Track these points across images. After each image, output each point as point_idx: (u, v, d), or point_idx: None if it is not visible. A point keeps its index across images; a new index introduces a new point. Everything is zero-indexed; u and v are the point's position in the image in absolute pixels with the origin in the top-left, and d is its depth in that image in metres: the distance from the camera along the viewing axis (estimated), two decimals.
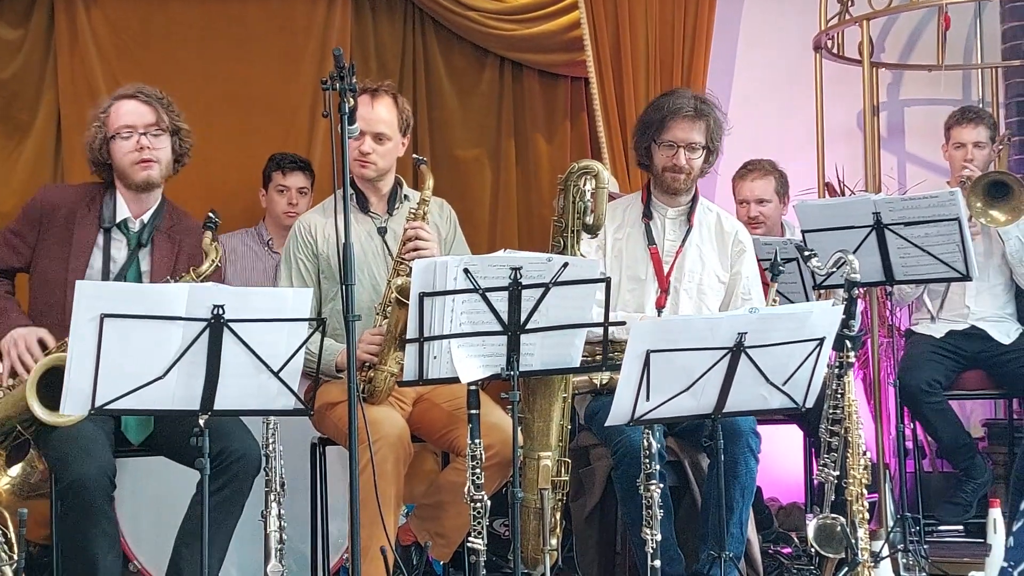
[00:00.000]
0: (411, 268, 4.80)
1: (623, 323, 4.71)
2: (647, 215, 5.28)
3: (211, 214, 4.72)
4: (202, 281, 4.56)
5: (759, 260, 5.48)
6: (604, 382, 4.98)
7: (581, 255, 4.78)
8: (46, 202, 4.77)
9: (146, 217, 4.81)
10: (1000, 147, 6.53)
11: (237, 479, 4.48)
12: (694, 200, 5.32)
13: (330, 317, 4.87)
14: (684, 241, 5.26)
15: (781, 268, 5.10)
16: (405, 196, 5.19)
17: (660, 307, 5.18)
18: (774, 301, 5.20)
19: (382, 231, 5.08)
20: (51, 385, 4.15)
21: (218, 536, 4.43)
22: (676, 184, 5.21)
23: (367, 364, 4.79)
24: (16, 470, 4.61)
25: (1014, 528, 2.84)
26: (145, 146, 4.75)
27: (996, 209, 6.05)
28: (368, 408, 4.54)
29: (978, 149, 6.32)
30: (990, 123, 6.41)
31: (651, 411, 4.21)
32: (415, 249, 4.87)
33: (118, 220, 4.76)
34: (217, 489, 4.38)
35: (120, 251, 4.76)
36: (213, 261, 4.68)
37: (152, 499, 5.32)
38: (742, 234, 5.36)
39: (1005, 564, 2.83)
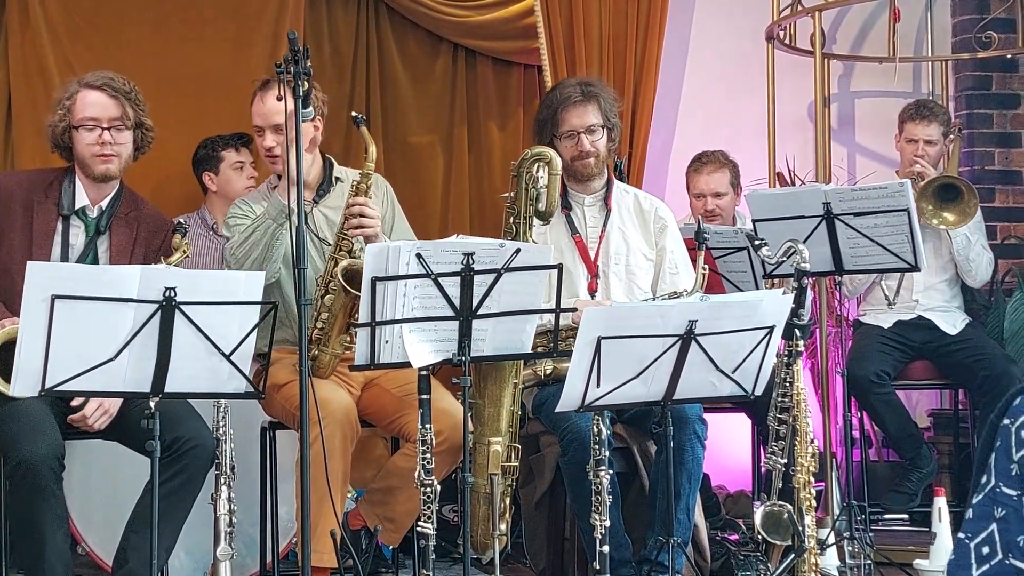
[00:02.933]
0: (354, 244, 4.82)
1: (574, 309, 4.73)
2: (566, 206, 5.31)
3: (181, 220, 4.78)
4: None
5: (709, 249, 5.50)
6: (548, 372, 5.01)
7: (533, 241, 4.80)
8: (2, 190, 4.74)
9: (104, 204, 4.80)
10: (953, 138, 6.58)
11: (189, 469, 4.46)
12: (609, 184, 5.35)
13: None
14: (605, 225, 5.29)
15: (706, 235, 5.11)
16: (337, 178, 5.17)
17: (592, 292, 5.22)
18: (703, 270, 5.22)
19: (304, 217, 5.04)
20: (8, 358, 4.12)
21: (168, 525, 4.41)
22: (587, 170, 5.26)
23: (313, 341, 4.78)
24: None
25: (974, 501, 2.86)
26: (107, 141, 4.74)
27: (947, 211, 6.12)
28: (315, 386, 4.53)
29: (929, 146, 6.38)
30: (944, 119, 6.45)
31: (602, 397, 4.22)
32: (359, 226, 4.85)
33: (77, 207, 4.75)
34: (169, 478, 4.35)
35: (78, 238, 4.75)
36: (185, 252, 4.69)
37: (102, 484, 5.30)
38: (662, 210, 5.40)
39: (962, 535, 2.85)
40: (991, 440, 2.89)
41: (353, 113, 4.97)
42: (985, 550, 2.81)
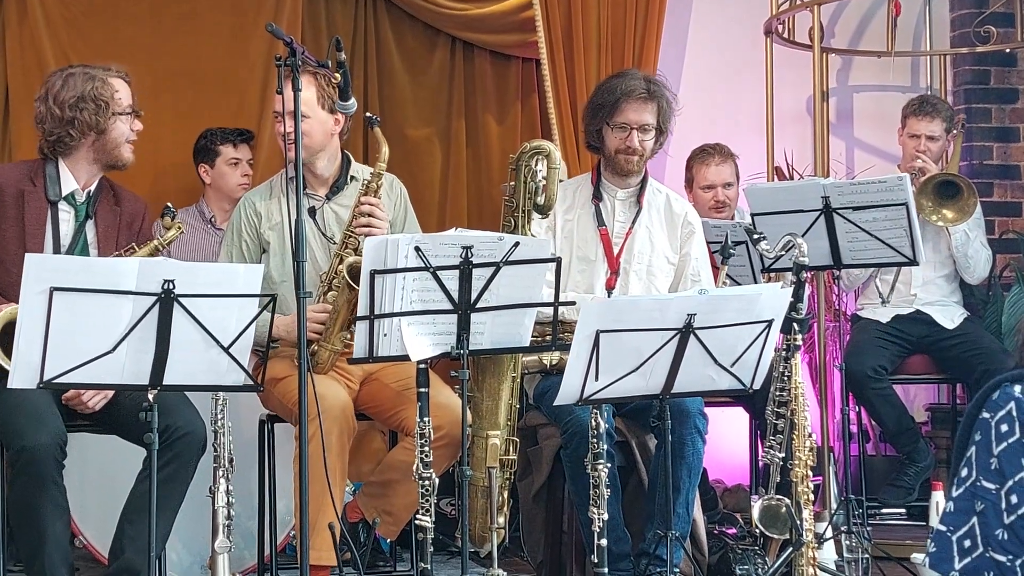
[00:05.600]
0: (360, 243, 4.82)
1: (573, 303, 4.73)
2: (597, 197, 5.29)
3: (169, 205, 4.82)
4: (167, 245, 4.69)
5: (708, 243, 5.51)
6: (554, 362, 5.00)
7: (532, 235, 4.79)
8: None
9: (92, 189, 4.82)
10: (956, 132, 6.57)
11: (181, 456, 4.47)
12: (644, 181, 5.33)
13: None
14: (634, 222, 5.27)
15: (731, 251, 5.11)
16: (352, 177, 5.16)
17: (610, 288, 5.21)
18: (724, 284, 5.22)
19: (312, 211, 5.04)
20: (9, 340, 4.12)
21: (163, 514, 4.41)
22: (629, 166, 5.23)
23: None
24: None
25: (954, 494, 2.87)
26: (137, 129, 4.84)
27: (946, 208, 6.12)
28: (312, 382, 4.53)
29: (932, 142, 6.38)
30: (946, 115, 6.44)
31: (600, 391, 4.22)
32: (367, 226, 4.85)
33: (64, 193, 4.76)
34: (162, 466, 4.35)
35: (68, 224, 4.76)
36: (180, 229, 4.76)
37: (99, 475, 5.29)
38: (691, 216, 5.39)
39: (943, 528, 2.87)
40: (970, 432, 2.91)
41: (367, 114, 4.97)
42: (967, 543, 2.84)
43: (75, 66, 4.85)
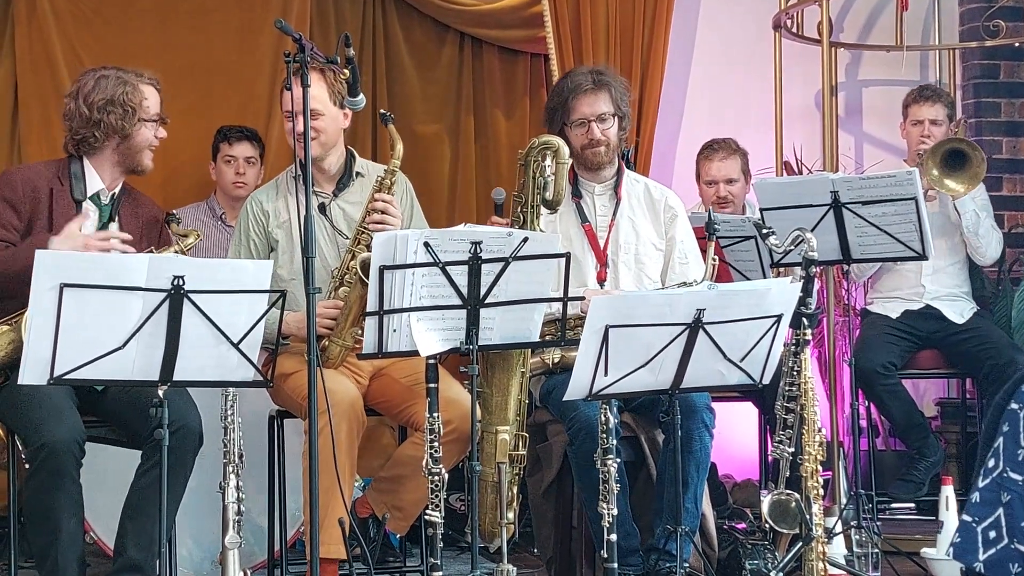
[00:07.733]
0: (373, 239, 4.82)
1: (582, 298, 4.73)
2: (576, 195, 5.29)
3: (174, 212, 4.95)
4: (186, 252, 4.69)
5: (719, 238, 5.49)
6: (556, 361, 5.00)
7: (540, 231, 4.79)
8: (26, 183, 4.74)
9: (116, 191, 4.84)
10: (956, 129, 6.56)
11: (177, 451, 4.43)
12: (619, 173, 5.34)
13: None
14: (615, 214, 5.28)
15: (716, 226, 5.09)
16: (358, 172, 5.16)
17: (601, 281, 5.21)
18: (713, 260, 5.20)
19: (322, 208, 5.04)
20: None
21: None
22: (598, 158, 5.23)
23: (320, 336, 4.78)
24: None
25: (980, 484, 2.87)
26: (161, 137, 4.85)
27: (953, 179, 6.09)
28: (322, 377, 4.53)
29: (935, 127, 6.37)
30: (947, 101, 6.45)
31: (609, 386, 4.22)
32: (381, 223, 4.85)
33: (90, 193, 4.77)
34: (158, 461, 4.36)
35: (92, 224, 4.76)
36: (197, 236, 4.79)
37: (110, 470, 5.28)
38: (672, 200, 5.38)
39: (968, 519, 2.87)
40: (997, 423, 2.90)
41: (382, 111, 4.98)
42: (992, 534, 2.83)
43: (109, 68, 4.84)
